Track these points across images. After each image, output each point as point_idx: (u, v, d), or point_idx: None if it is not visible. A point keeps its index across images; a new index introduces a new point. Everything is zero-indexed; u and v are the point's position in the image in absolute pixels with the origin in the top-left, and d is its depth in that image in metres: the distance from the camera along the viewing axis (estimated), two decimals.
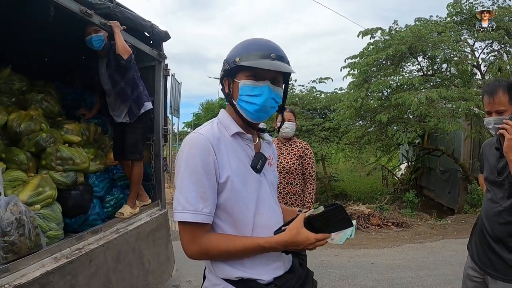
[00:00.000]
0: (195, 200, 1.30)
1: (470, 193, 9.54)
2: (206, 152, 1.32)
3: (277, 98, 1.45)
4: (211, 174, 1.33)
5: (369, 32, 10.06)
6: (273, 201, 1.53)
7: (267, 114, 1.45)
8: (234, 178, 1.37)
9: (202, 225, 1.33)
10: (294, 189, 3.85)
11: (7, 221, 2.31)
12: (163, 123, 4.16)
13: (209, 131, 1.40)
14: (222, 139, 1.40)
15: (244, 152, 1.46)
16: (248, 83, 1.41)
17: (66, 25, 2.82)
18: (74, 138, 3.40)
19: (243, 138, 1.47)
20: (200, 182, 1.31)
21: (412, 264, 5.56)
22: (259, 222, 1.42)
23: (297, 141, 3.99)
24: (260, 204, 1.44)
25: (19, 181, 2.81)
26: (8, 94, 3.36)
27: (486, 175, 2.34)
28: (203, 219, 1.32)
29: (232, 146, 1.42)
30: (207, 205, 1.32)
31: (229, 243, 1.35)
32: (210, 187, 1.33)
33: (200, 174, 1.31)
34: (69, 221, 3.11)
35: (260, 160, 1.47)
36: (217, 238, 1.36)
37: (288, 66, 1.43)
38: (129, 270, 3.29)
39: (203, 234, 1.34)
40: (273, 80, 1.43)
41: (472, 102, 8.23)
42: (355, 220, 1.50)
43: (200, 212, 1.31)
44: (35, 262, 2.43)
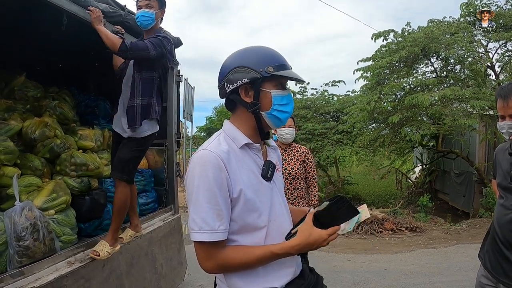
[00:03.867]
0: (212, 220, 1.31)
1: (485, 196, 9.39)
2: (218, 169, 1.32)
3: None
4: (225, 190, 1.33)
5: (382, 34, 10.01)
6: (283, 206, 1.55)
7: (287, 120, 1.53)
8: (247, 190, 1.37)
9: (219, 242, 1.34)
10: (300, 194, 3.88)
11: (22, 226, 2.37)
12: (176, 128, 4.20)
13: (217, 147, 1.38)
14: (231, 152, 1.40)
15: (254, 162, 1.46)
16: (279, 93, 1.44)
17: (80, 32, 2.87)
18: (88, 144, 3.45)
19: (251, 148, 1.47)
20: (215, 200, 1.31)
21: (426, 270, 5.48)
22: (272, 229, 1.43)
23: (296, 146, 4.01)
24: (273, 211, 1.46)
25: (34, 187, 2.87)
26: (23, 101, 3.42)
27: (499, 181, 2.29)
28: (219, 237, 1.32)
29: (241, 158, 1.42)
30: (223, 222, 1.33)
31: (244, 255, 1.36)
32: (224, 204, 1.33)
33: (214, 192, 1.31)
34: (83, 226, 3.16)
35: (270, 168, 1.47)
36: (232, 251, 1.37)
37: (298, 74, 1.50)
38: (142, 274, 3.33)
39: (219, 250, 1.35)
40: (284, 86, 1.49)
41: (486, 101, 8.12)
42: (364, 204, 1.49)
43: (217, 231, 1.32)
44: (49, 266, 2.48)
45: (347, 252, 6.52)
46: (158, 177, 4.17)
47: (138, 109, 2.94)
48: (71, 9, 2.70)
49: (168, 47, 2.99)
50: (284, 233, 1.42)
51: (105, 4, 3.07)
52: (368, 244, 7.08)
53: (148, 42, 2.85)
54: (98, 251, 2.75)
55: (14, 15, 3.19)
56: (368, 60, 10.36)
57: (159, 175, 4.16)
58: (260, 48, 1.48)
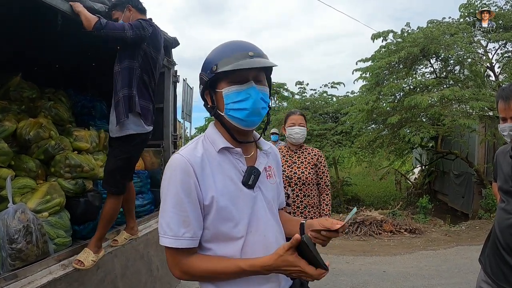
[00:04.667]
0: (176, 225, 1.27)
1: (485, 198, 9.38)
2: (186, 175, 1.27)
3: (265, 98, 1.36)
4: (193, 197, 1.27)
5: (381, 35, 10.00)
6: (270, 217, 1.44)
7: (260, 116, 1.36)
8: (220, 197, 1.30)
9: (185, 249, 1.29)
10: (312, 202, 3.51)
11: (14, 229, 2.33)
12: (173, 129, 4.16)
13: (191, 151, 1.33)
14: (207, 157, 1.34)
15: (234, 168, 1.37)
16: (232, 89, 1.32)
17: (76, 32, 2.83)
18: (83, 145, 3.41)
19: (231, 152, 1.38)
20: (181, 206, 1.27)
21: (425, 272, 5.45)
22: (251, 241, 1.34)
23: (308, 148, 3.65)
24: (254, 221, 1.36)
25: (28, 189, 2.83)
26: (18, 101, 3.39)
27: (500, 184, 2.24)
28: (183, 244, 1.27)
29: (218, 163, 1.34)
30: (190, 229, 1.28)
31: (210, 266, 1.30)
32: (192, 210, 1.28)
33: (181, 198, 1.26)
34: (78, 228, 3.12)
35: (252, 175, 1.37)
36: (199, 260, 1.31)
37: (269, 60, 1.35)
38: (137, 277, 3.29)
39: (185, 257, 1.30)
40: (256, 80, 1.34)
41: (486, 102, 8.11)
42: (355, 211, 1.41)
43: (180, 237, 1.27)
44: (43, 269, 2.45)
45: (345, 254, 6.49)
46: (154, 179, 4.13)
47: (122, 101, 2.79)
48: (66, 9, 2.66)
49: (148, 30, 2.81)
50: (268, 246, 1.35)
51: (100, 4, 3.03)
52: (367, 246, 7.05)
53: (127, 24, 2.75)
54: (82, 261, 2.64)
55: (9, 15, 3.15)
56: (367, 60, 10.36)
57: (155, 176, 4.12)
58: (218, 46, 1.41)
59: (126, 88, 2.80)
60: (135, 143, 2.90)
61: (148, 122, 2.96)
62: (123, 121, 2.77)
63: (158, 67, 3.06)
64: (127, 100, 2.79)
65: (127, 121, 2.80)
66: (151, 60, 2.91)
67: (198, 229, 1.30)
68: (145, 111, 2.91)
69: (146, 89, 2.95)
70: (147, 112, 2.94)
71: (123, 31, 2.69)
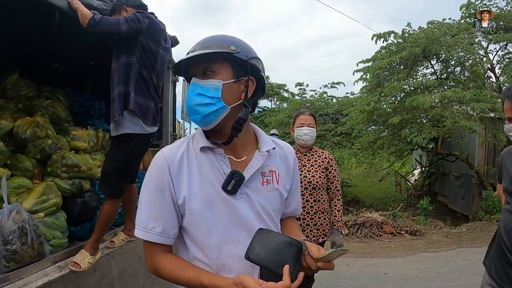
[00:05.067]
0: (146, 219, 1.27)
1: (485, 199, 9.34)
2: (161, 171, 1.26)
3: (206, 92, 1.22)
4: (166, 194, 1.25)
5: (382, 35, 9.98)
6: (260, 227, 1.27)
7: (198, 114, 1.24)
8: (193, 199, 1.25)
9: (155, 244, 1.28)
10: (322, 207, 3.33)
11: (9, 229, 2.28)
12: (172, 129, 4.11)
13: (173, 148, 1.31)
14: (188, 156, 1.29)
15: (216, 170, 1.28)
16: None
17: (74, 29, 2.78)
18: (80, 144, 3.35)
19: (215, 153, 1.30)
20: (154, 201, 1.26)
21: (426, 275, 5.41)
22: (231, 252, 1.25)
23: (318, 151, 3.46)
24: (234, 231, 1.27)
25: (24, 188, 2.77)
26: (15, 100, 3.34)
27: (506, 185, 2.20)
28: (151, 237, 1.26)
29: (198, 164, 1.28)
30: (159, 224, 1.26)
31: (176, 272, 1.26)
32: (164, 207, 1.26)
33: (154, 193, 1.26)
34: (75, 229, 3.06)
35: (232, 180, 1.25)
36: (168, 262, 1.28)
37: (198, 51, 1.22)
38: (135, 279, 3.24)
39: (157, 253, 1.29)
40: (200, 74, 1.26)
41: (487, 104, 8.08)
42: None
43: (149, 231, 1.26)
44: (38, 271, 2.39)
45: (346, 256, 6.43)
46: None
47: (117, 99, 2.66)
48: (63, 6, 2.62)
49: (144, 22, 2.68)
50: None
51: (99, 1, 2.99)
52: (367, 248, 7.01)
53: (122, 18, 2.65)
54: (78, 263, 2.55)
55: (6, 12, 3.10)
56: (368, 61, 10.34)
57: None
58: None
59: (122, 85, 2.68)
60: (134, 144, 2.75)
61: (149, 122, 2.78)
62: (118, 119, 2.66)
63: (160, 61, 2.88)
64: (123, 97, 2.67)
65: (123, 120, 2.68)
66: (150, 54, 2.77)
67: (169, 226, 1.27)
68: (143, 109, 2.74)
69: (146, 86, 2.78)
70: (146, 110, 2.76)
71: (118, 25, 2.60)
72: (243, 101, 1.27)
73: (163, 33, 2.92)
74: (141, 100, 2.73)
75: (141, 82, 2.74)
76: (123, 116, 2.66)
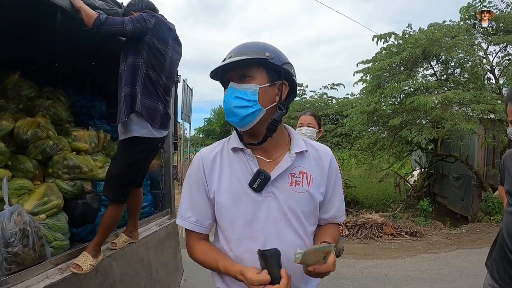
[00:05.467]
0: (184, 208, 1.45)
1: (485, 200, 9.34)
2: (197, 169, 1.43)
3: (244, 95, 1.31)
4: (201, 188, 1.41)
5: (383, 36, 9.98)
6: (285, 227, 1.35)
7: (235, 116, 1.32)
8: (221, 194, 1.38)
9: (192, 232, 1.44)
10: None
11: (10, 232, 2.25)
12: (173, 130, 4.09)
13: (210, 148, 1.47)
14: (221, 155, 1.43)
15: (245, 168, 1.37)
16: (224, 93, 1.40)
17: (76, 29, 2.76)
18: (82, 145, 3.33)
19: (245, 153, 1.39)
20: (191, 194, 1.43)
21: (427, 276, 5.40)
22: (249, 248, 1.32)
23: None
24: (256, 227, 1.34)
25: (25, 190, 2.75)
26: (16, 100, 3.31)
27: (508, 188, 2.20)
28: (186, 225, 1.43)
29: (229, 162, 1.41)
30: (194, 214, 1.42)
31: (202, 257, 1.42)
32: (199, 199, 1.42)
33: (191, 187, 1.44)
34: (76, 231, 3.04)
35: (258, 178, 1.33)
36: (200, 248, 1.44)
37: (236, 58, 1.30)
38: (137, 281, 3.22)
39: (193, 239, 1.45)
40: (236, 78, 1.34)
41: (487, 105, 8.08)
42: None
43: (186, 220, 1.43)
44: (40, 273, 2.37)
45: (346, 257, 6.41)
46: (154, 180, 4.05)
47: (123, 100, 2.60)
48: (66, 5, 2.60)
49: (151, 22, 2.64)
50: None
51: (101, 1, 2.96)
52: (367, 249, 7.00)
53: (127, 18, 2.62)
54: (80, 265, 2.52)
55: (7, 11, 3.08)
56: (368, 62, 10.33)
57: (155, 178, 4.04)
58: None
59: (129, 86, 2.62)
60: (140, 149, 2.69)
61: (157, 125, 2.71)
62: (124, 121, 2.61)
63: (169, 61, 2.80)
64: (129, 98, 2.61)
65: (130, 122, 2.63)
66: (158, 54, 2.70)
67: (203, 217, 1.43)
68: (151, 111, 2.67)
69: (154, 87, 2.71)
70: (154, 113, 2.69)
71: (123, 26, 2.57)
72: (278, 103, 1.36)
73: (171, 34, 2.86)
74: (149, 102, 2.67)
75: (149, 83, 2.68)
76: (129, 118, 2.61)
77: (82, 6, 2.60)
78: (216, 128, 28.26)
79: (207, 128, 31.64)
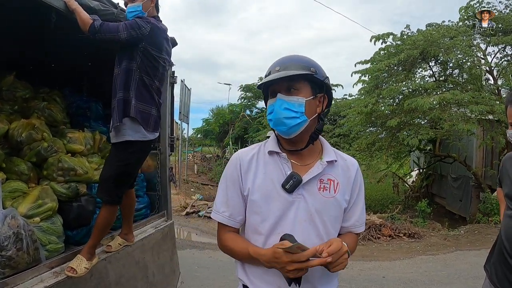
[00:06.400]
0: (219, 204, 1.55)
1: (483, 202, 9.33)
2: (234, 167, 1.53)
3: (292, 107, 1.43)
4: (236, 186, 1.51)
5: (381, 37, 9.95)
6: (309, 228, 1.45)
7: (284, 125, 1.44)
8: (255, 192, 1.47)
9: (224, 225, 1.54)
10: None
11: (4, 235, 2.23)
12: (170, 132, 4.06)
13: (248, 150, 1.58)
14: (257, 157, 1.53)
15: (279, 170, 1.48)
16: (268, 102, 1.50)
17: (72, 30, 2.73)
18: (77, 147, 3.31)
19: (280, 156, 1.50)
20: (227, 191, 1.53)
21: (425, 278, 5.38)
22: (274, 242, 1.39)
23: None
24: (284, 225, 1.44)
25: (19, 192, 2.73)
26: (11, 101, 3.30)
27: (507, 191, 2.17)
28: (222, 219, 1.53)
29: (264, 164, 1.51)
30: (228, 209, 1.52)
31: (233, 245, 1.51)
32: (234, 196, 1.52)
33: (227, 185, 1.54)
34: (71, 234, 3.02)
35: (291, 180, 1.44)
36: (230, 238, 1.54)
37: (285, 72, 1.41)
38: (133, 284, 3.19)
39: (225, 232, 1.55)
40: (285, 90, 1.44)
41: (485, 106, 8.07)
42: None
43: (220, 214, 1.53)
44: (34, 277, 2.35)
45: None
46: (150, 182, 4.03)
47: (117, 105, 2.62)
48: (59, 6, 2.57)
49: (146, 28, 2.62)
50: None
51: (96, 2, 2.93)
52: (366, 251, 6.98)
53: (122, 24, 2.60)
54: (74, 268, 2.50)
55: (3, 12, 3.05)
56: (366, 62, 10.30)
57: (151, 179, 4.02)
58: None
59: (122, 91, 2.64)
60: (133, 150, 2.70)
61: (150, 128, 2.74)
62: (117, 126, 2.61)
63: (162, 66, 2.83)
64: (122, 103, 2.63)
65: (123, 127, 2.64)
66: (152, 59, 2.72)
67: (236, 212, 1.52)
68: (145, 115, 2.70)
69: (148, 92, 2.73)
70: (148, 117, 2.72)
71: (117, 33, 2.57)
72: (319, 114, 1.51)
73: (165, 36, 2.86)
74: (143, 107, 2.69)
75: (143, 88, 2.70)
76: (122, 122, 2.61)
77: (76, 8, 2.59)
78: (215, 128, 28.11)
79: (205, 128, 31.48)
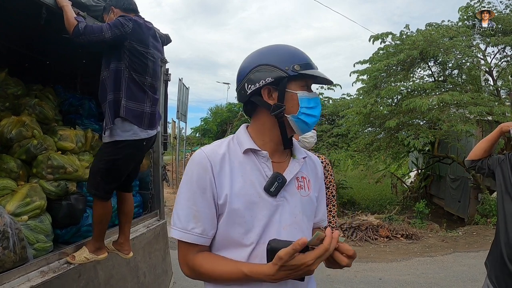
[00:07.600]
0: (186, 219, 1.23)
1: (482, 203, 9.29)
2: (203, 170, 1.24)
3: None
4: (208, 194, 1.23)
5: (380, 37, 9.90)
6: (296, 231, 1.30)
7: (317, 119, 1.35)
8: (234, 199, 1.23)
9: (193, 245, 1.24)
10: None
11: None
12: (163, 130, 4.01)
13: (214, 148, 1.30)
14: (230, 156, 1.29)
15: (258, 172, 1.29)
16: (306, 95, 1.29)
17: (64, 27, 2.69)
18: (68, 145, 3.26)
19: (258, 155, 1.31)
20: (194, 200, 1.23)
21: (422, 280, 5.33)
22: (261, 253, 1.22)
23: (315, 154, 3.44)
24: (269, 232, 1.25)
25: (8, 190, 2.69)
26: (2, 98, 3.25)
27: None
28: (190, 238, 1.23)
29: (240, 164, 1.28)
30: (199, 225, 1.23)
31: (212, 265, 1.23)
32: (205, 206, 1.23)
33: (194, 192, 1.23)
34: (60, 232, 2.97)
35: (276, 182, 1.27)
36: (206, 259, 1.25)
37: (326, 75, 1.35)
38: (123, 285, 3.15)
39: (193, 254, 1.25)
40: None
41: (485, 107, 8.03)
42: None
43: (188, 232, 1.23)
44: (20, 276, 2.31)
45: None
46: (143, 181, 3.98)
47: (108, 107, 2.59)
48: (50, 2, 2.53)
49: (128, 26, 2.58)
50: None
51: None
52: (363, 252, 6.92)
53: (105, 24, 2.57)
54: (75, 255, 2.61)
55: None
56: (365, 62, 10.26)
57: (144, 178, 3.97)
58: (283, 46, 1.34)
59: (112, 92, 2.61)
60: (122, 146, 2.65)
61: (144, 126, 2.70)
62: (109, 127, 2.59)
63: (151, 61, 2.78)
64: (113, 104, 2.60)
65: (113, 127, 2.61)
66: (139, 56, 2.68)
67: (209, 227, 1.25)
68: (137, 113, 2.66)
69: (139, 89, 2.69)
70: (140, 114, 2.68)
71: (101, 33, 2.53)
72: None
73: (151, 32, 2.82)
74: (134, 106, 2.65)
75: (133, 86, 2.66)
76: (114, 124, 2.60)
77: (65, 6, 2.55)
78: (213, 127, 28.09)
79: (203, 127, 31.41)
